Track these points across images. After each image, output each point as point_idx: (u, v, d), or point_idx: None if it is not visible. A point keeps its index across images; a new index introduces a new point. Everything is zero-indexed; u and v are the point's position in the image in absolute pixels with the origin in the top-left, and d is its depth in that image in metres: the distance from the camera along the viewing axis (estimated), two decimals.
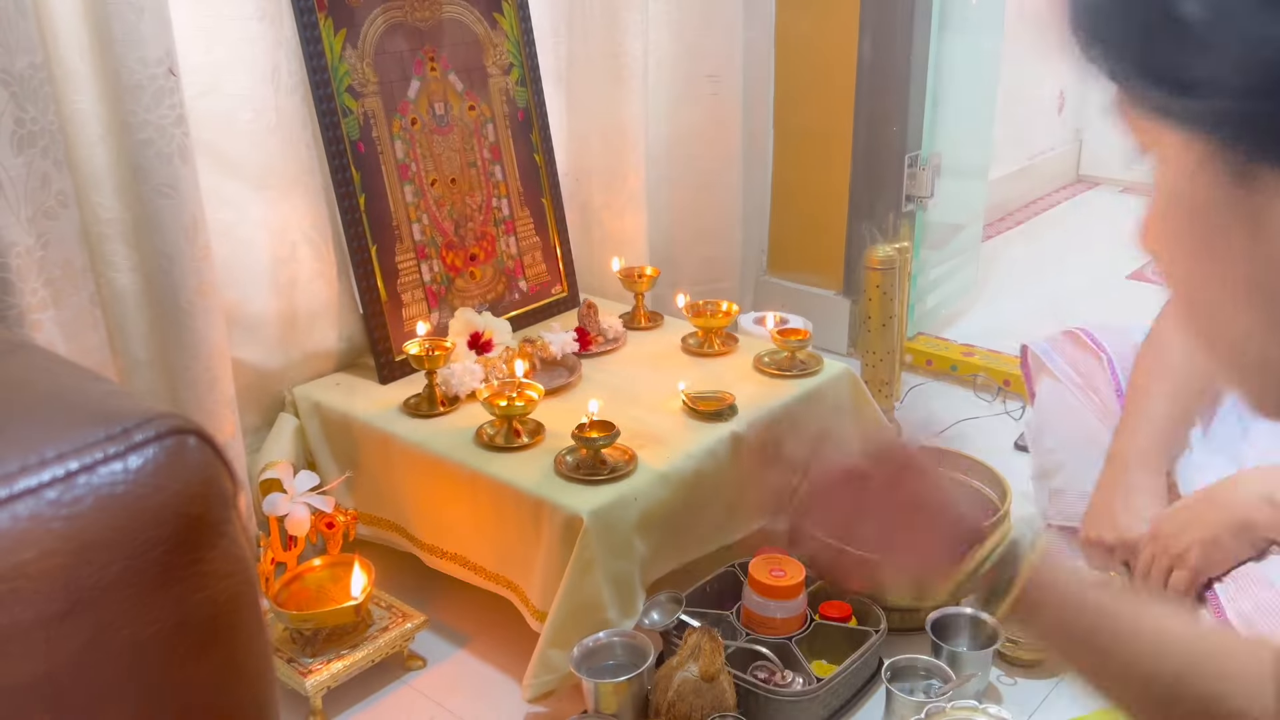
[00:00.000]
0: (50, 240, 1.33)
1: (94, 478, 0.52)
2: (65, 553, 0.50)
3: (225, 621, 0.58)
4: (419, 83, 1.82)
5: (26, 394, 0.58)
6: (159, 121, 1.40)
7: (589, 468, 1.46)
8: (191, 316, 1.49)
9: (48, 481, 0.51)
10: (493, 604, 1.55)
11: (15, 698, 0.49)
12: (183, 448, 0.55)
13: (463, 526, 1.55)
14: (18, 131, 1.27)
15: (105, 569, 0.52)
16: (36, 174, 1.30)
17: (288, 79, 1.65)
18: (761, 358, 1.80)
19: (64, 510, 0.51)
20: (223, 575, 0.57)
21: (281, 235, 1.69)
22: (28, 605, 0.49)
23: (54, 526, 0.50)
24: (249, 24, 1.59)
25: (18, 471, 0.50)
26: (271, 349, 1.72)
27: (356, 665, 1.45)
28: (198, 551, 0.56)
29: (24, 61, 1.25)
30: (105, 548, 0.52)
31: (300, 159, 1.69)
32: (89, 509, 0.51)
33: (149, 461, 0.53)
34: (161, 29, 1.38)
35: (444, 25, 1.86)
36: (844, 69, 2.39)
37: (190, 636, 0.56)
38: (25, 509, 0.50)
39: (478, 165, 1.92)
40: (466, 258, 1.90)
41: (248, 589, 0.59)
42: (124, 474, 0.53)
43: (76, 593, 0.51)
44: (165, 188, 1.43)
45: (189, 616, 0.56)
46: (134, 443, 0.53)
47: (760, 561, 1.48)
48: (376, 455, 1.64)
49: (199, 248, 1.48)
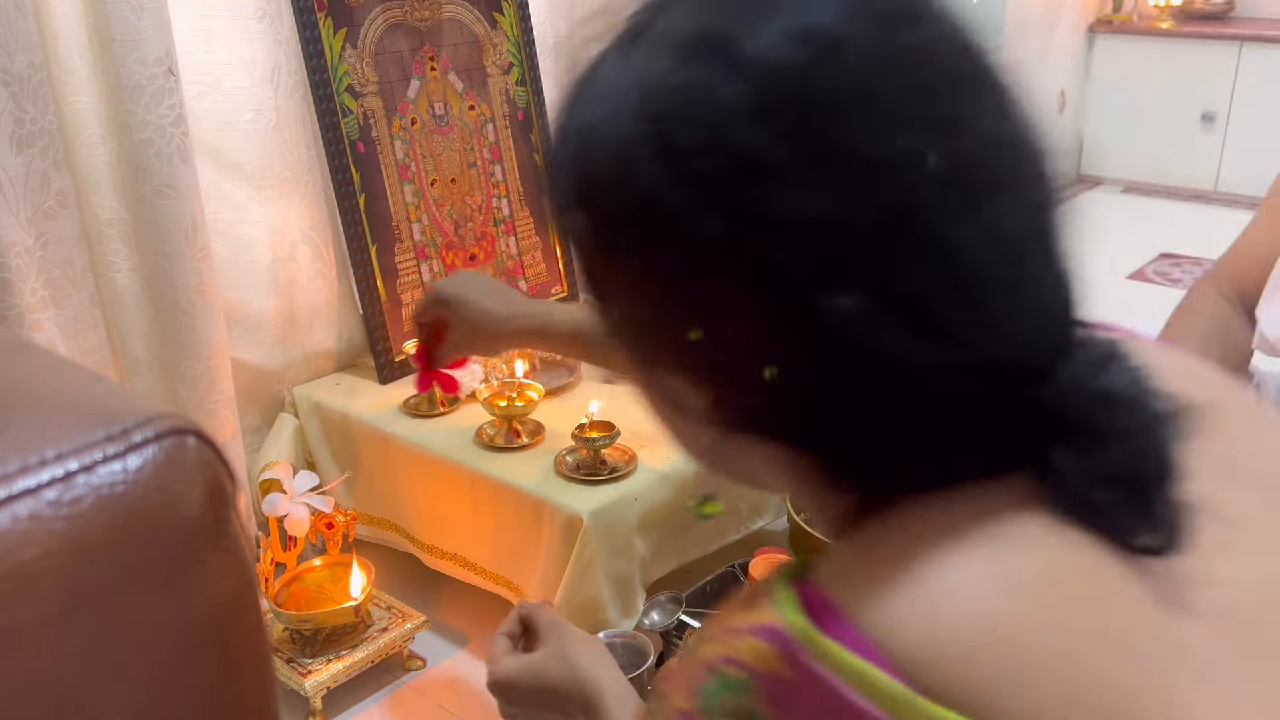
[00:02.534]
0: (50, 240, 1.33)
1: (93, 478, 0.52)
2: (65, 553, 0.50)
3: (225, 622, 0.58)
4: (419, 82, 1.82)
5: (26, 394, 0.58)
6: (158, 121, 1.40)
7: (589, 468, 1.46)
8: (191, 316, 1.49)
9: (47, 482, 0.51)
10: (493, 604, 1.55)
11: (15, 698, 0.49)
12: (182, 448, 0.55)
13: (463, 527, 1.54)
14: (17, 131, 1.27)
15: (105, 569, 0.52)
16: (36, 174, 1.29)
17: (287, 79, 1.65)
18: None
19: (63, 510, 0.50)
20: (222, 575, 0.57)
21: (281, 235, 1.69)
22: (28, 605, 0.49)
23: (54, 527, 0.50)
24: (249, 24, 1.59)
25: (17, 472, 0.50)
26: (271, 349, 1.72)
27: (356, 666, 1.45)
28: (197, 552, 0.55)
29: (23, 61, 1.25)
30: (105, 548, 0.52)
31: (300, 159, 1.69)
32: (88, 509, 0.51)
33: (148, 462, 0.53)
34: (161, 29, 1.38)
35: (444, 25, 1.86)
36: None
37: (190, 637, 0.56)
38: (25, 509, 0.49)
39: (478, 165, 1.92)
40: (466, 258, 1.90)
41: (247, 589, 0.59)
42: (123, 474, 0.52)
43: (76, 593, 0.51)
44: (165, 188, 1.42)
45: (188, 617, 0.55)
46: (133, 443, 0.53)
47: (760, 561, 1.48)
48: (376, 455, 1.64)
49: (198, 247, 1.48)
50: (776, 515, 1.69)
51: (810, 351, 0.44)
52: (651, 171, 0.44)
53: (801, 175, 0.42)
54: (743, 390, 0.47)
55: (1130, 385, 0.46)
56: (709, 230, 0.44)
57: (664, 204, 0.45)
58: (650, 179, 0.45)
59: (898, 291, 0.43)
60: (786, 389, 0.45)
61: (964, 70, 0.47)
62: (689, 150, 0.44)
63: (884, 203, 0.42)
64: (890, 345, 0.43)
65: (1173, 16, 3.89)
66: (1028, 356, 0.44)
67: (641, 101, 0.45)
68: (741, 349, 0.46)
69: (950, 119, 0.44)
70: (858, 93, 0.43)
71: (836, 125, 0.43)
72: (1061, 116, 4.00)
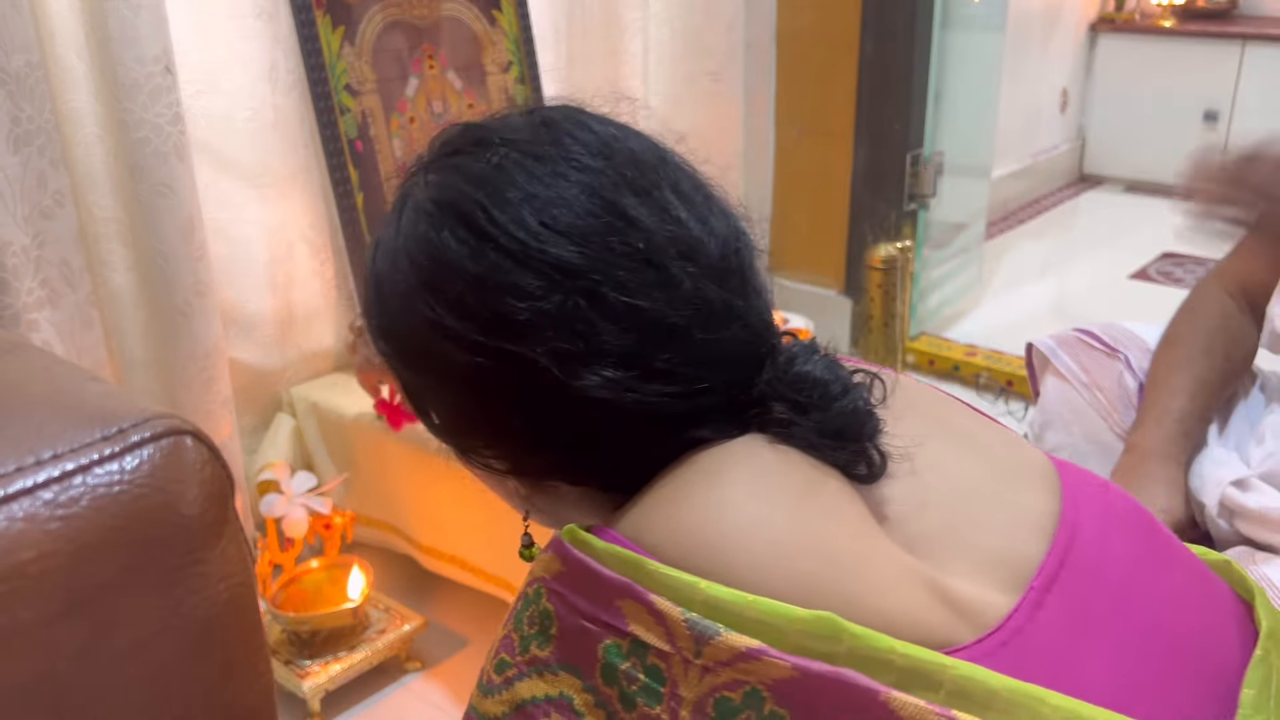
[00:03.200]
0: (46, 239, 1.32)
1: (90, 478, 0.51)
2: (63, 553, 0.50)
3: (223, 623, 0.57)
4: (417, 81, 1.82)
5: (22, 394, 0.58)
6: (156, 120, 1.39)
7: None
8: (188, 316, 1.49)
9: (44, 482, 0.50)
10: (492, 606, 1.55)
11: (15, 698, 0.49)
12: (179, 448, 0.54)
13: (461, 528, 1.54)
14: (14, 130, 1.26)
15: (103, 569, 0.51)
16: (33, 173, 1.29)
17: (285, 77, 1.64)
18: None
19: (60, 511, 0.50)
20: (220, 576, 0.56)
21: (279, 234, 1.69)
22: (27, 605, 0.49)
23: (51, 527, 0.50)
24: (246, 21, 1.58)
25: (14, 472, 0.50)
26: (269, 349, 1.72)
27: (355, 667, 1.45)
28: (195, 552, 0.55)
29: (20, 59, 1.25)
30: (103, 548, 0.51)
31: (298, 157, 1.69)
32: (86, 509, 0.51)
33: (145, 462, 0.53)
34: (158, 27, 1.37)
35: (442, 23, 1.85)
36: (846, 67, 2.39)
37: (188, 637, 0.56)
38: (22, 509, 0.49)
39: None
40: None
41: (245, 590, 0.58)
42: (120, 474, 0.52)
43: (75, 593, 0.50)
44: (162, 186, 1.42)
45: (187, 617, 0.55)
46: (130, 443, 0.53)
47: None
48: (374, 456, 1.63)
49: (196, 247, 1.47)
50: None
51: (568, 411, 0.59)
52: (423, 305, 0.61)
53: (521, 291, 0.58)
54: (528, 451, 0.64)
55: (824, 369, 0.62)
56: (473, 338, 0.59)
57: (440, 327, 0.60)
58: (424, 311, 0.61)
59: (621, 357, 0.58)
60: (556, 442, 0.62)
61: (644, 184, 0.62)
62: (443, 288, 0.60)
63: (586, 295, 0.58)
64: (627, 394, 0.58)
65: (1175, 15, 3.89)
66: (737, 370, 0.61)
67: (409, 255, 0.62)
68: (518, 421, 0.61)
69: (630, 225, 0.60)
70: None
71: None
72: (1065, 115, 4.00)
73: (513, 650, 0.58)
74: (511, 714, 0.57)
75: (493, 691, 0.59)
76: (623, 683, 0.53)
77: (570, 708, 0.54)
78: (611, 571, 0.54)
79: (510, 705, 0.57)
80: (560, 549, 0.57)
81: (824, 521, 0.57)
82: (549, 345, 0.57)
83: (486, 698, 0.59)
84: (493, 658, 0.60)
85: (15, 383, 0.60)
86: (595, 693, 0.54)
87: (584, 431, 0.60)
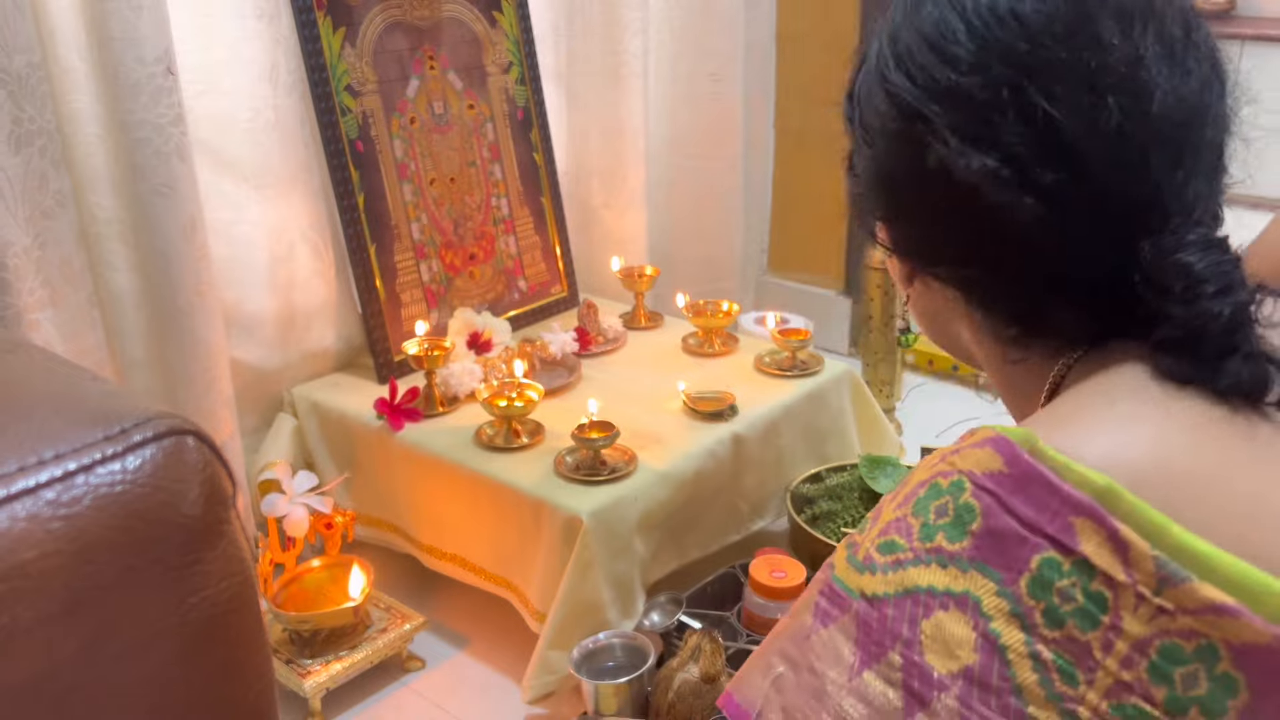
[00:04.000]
0: (48, 240, 1.33)
1: (92, 478, 0.52)
2: (64, 553, 0.50)
3: (224, 622, 0.57)
4: (418, 81, 1.82)
5: (24, 394, 0.58)
6: (157, 120, 1.39)
7: (589, 468, 1.45)
8: (189, 316, 1.49)
9: (46, 482, 0.50)
10: (492, 605, 1.55)
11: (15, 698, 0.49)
12: (181, 448, 0.55)
13: (462, 527, 1.54)
14: (15, 131, 1.26)
15: (104, 569, 0.51)
16: (34, 173, 1.29)
17: (286, 77, 1.64)
18: (762, 358, 1.79)
19: (62, 510, 0.50)
20: (221, 576, 0.57)
21: (280, 234, 1.69)
22: (28, 605, 0.49)
23: (53, 527, 0.50)
24: (247, 22, 1.58)
25: (16, 472, 0.50)
26: (270, 349, 1.72)
27: (355, 667, 1.45)
28: (196, 552, 0.55)
29: (22, 60, 1.25)
30: (104, 548, 0.51)
31: (299, 158, 1.69)
32: (87, 509, 0.51)
33: (147, 462, 0.53)
34: (159, 27, 1.38)
35: (443, 24, 1.86)
36: (846, 67, 2.38)
37: (189, 636, 0.56)
38: (24, 509, 0.49)
39: (477, 164, 1.91)
40: (466, 257, 1.89)
41: (246, 589, 0.59)
42: (122, 474, 0.52)
43: (76, 593, 0.50)
44: (163, 187, 1.42)
45: (188, 616, 0.55)
46: (132, 443, 0.53)
47: (761, 562, 1.48)
48: (375, 456, 1.63)
49: (197, 247, 1.48)
50: (777, 516, 1.68)
51: (949, 190, 0.61)
52: (881, 57, 0.68)
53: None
54: (910, 224, 0.68)
55: (1219, 266, 0.58)
56: (903, 98, 0.63)
57: (884, 80, 0.66)
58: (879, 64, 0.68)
59: (1011, 157, 0.58)
60: (931, 223, 0.66)
61: (1131, 8, 0.60)
62: (899, 38, 0.65)
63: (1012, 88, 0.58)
64: (1002, 190, 0.59)
65: None
66: (1121, 228, 0.59)
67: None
68: (909, 195, 0.66)
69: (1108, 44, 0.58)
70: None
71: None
72: None
73: (908, 534, 0.56)
74: (899, 596, 0.55)
75: (874, 569, 0.57)
76: (1055, 598, 0.51)
77: (977, 608, 0.52)
78: (1072, 487, 0.51)
79: (899, 587, 0.55)
80: (1007, 449, 0.54)
81: (1270, 486, 0.54)
82: (957, 117, 0.60)
83: (863, 574, 0.57)
84: (874, 536, 0.58)
85: (17, 382, 0.60)
86: (1013, 600, 0.52)
87: (956, 223, 0.63)
